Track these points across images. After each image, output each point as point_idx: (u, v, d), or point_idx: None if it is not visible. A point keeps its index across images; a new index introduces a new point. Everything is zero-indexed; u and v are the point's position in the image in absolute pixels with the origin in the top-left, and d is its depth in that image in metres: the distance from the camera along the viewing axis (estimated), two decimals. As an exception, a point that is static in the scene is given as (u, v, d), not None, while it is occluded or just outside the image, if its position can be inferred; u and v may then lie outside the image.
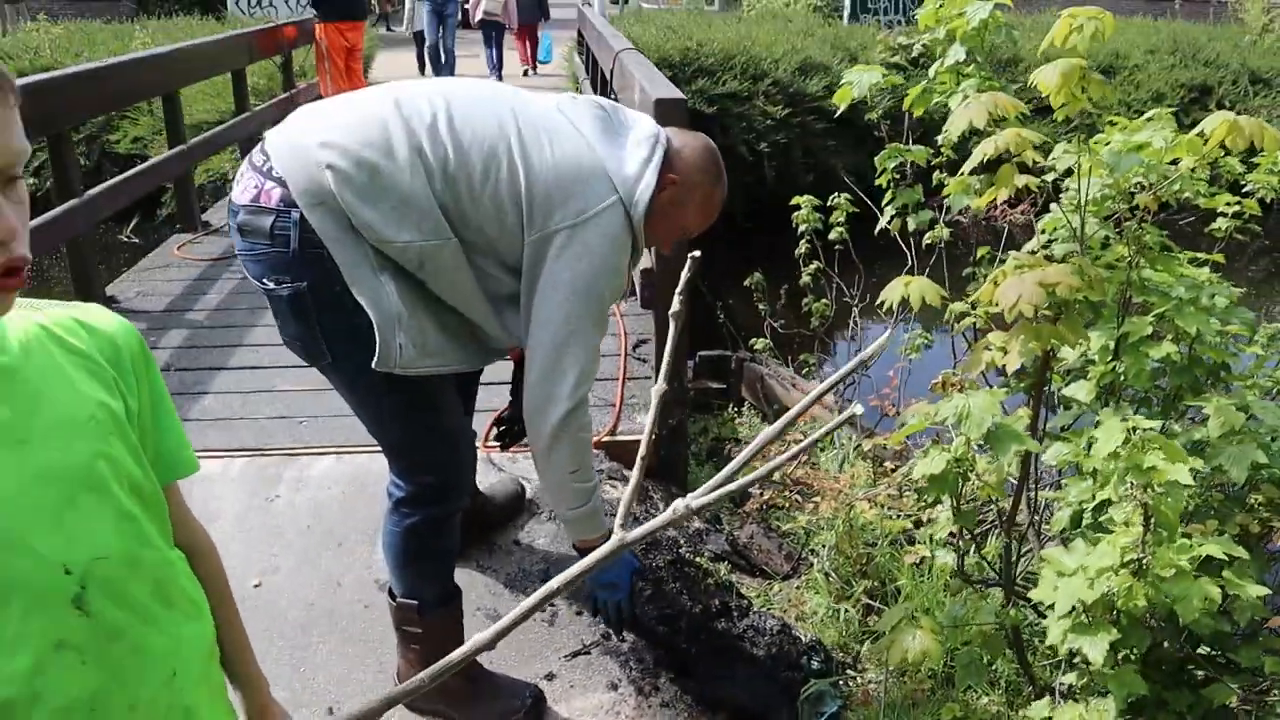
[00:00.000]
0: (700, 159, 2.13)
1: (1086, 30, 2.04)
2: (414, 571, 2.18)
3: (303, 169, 1.87)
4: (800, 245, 4.47)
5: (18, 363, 0.94)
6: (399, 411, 2.04)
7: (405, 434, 2.08)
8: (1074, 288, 1.91)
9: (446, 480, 2.13)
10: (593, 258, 1.96)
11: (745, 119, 9.51)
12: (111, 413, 1.00)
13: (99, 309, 1.06)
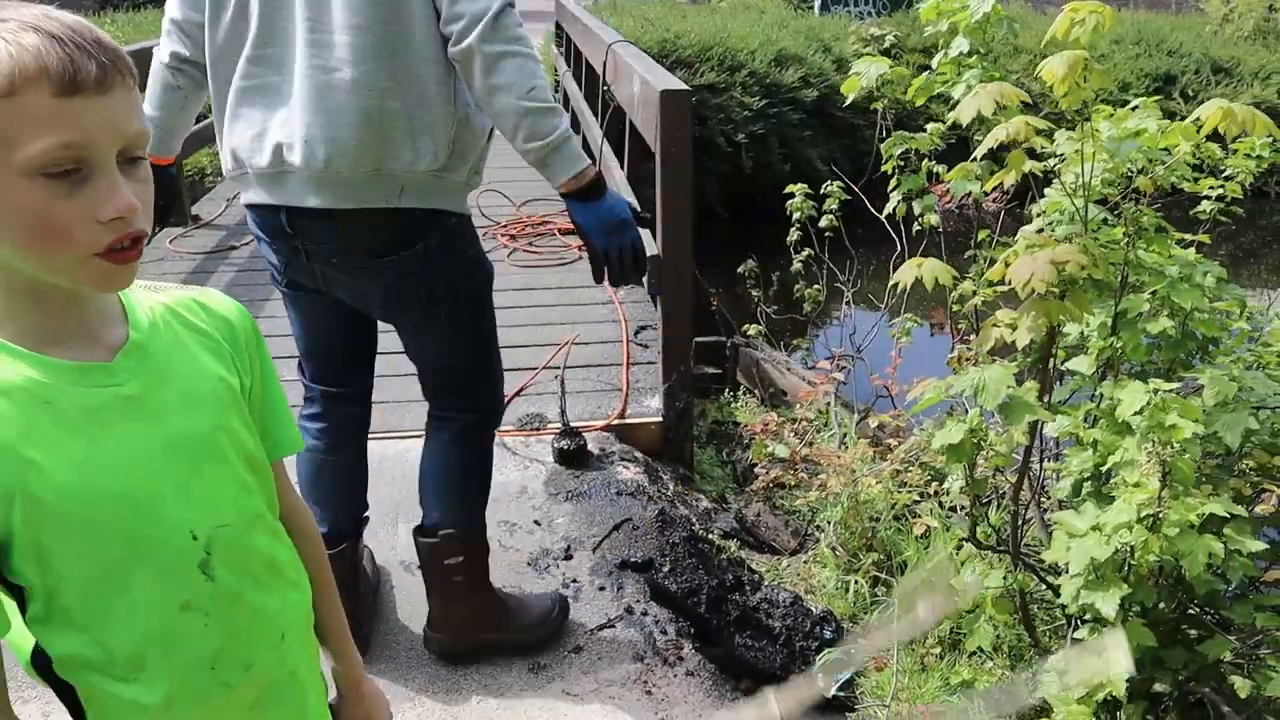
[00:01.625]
0: None
1: (1088, 24, 2.15)
2: (473, 496, 2.28)
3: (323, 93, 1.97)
4: (792, 233, 4.57)
5: (146, 339, 0.99)
6: (484, 338, 2.22)
7: (486, 359, 2.24)
8: (1082, 265, 2.02)
9: (498, 394, 2.32)
10: None
11: (723, 110, 9.61)
12: (230, 387, 1.06)
13: (214, 292, 1.13)
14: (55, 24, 0.85)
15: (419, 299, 2.10)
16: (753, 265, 4.81)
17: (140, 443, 0.97)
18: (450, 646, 2.37)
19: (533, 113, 1.86)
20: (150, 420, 0.97)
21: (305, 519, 1.24)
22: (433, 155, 1.95)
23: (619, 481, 3.00)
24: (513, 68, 1.84)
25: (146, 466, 0.97)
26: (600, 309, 4.25)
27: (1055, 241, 2.09)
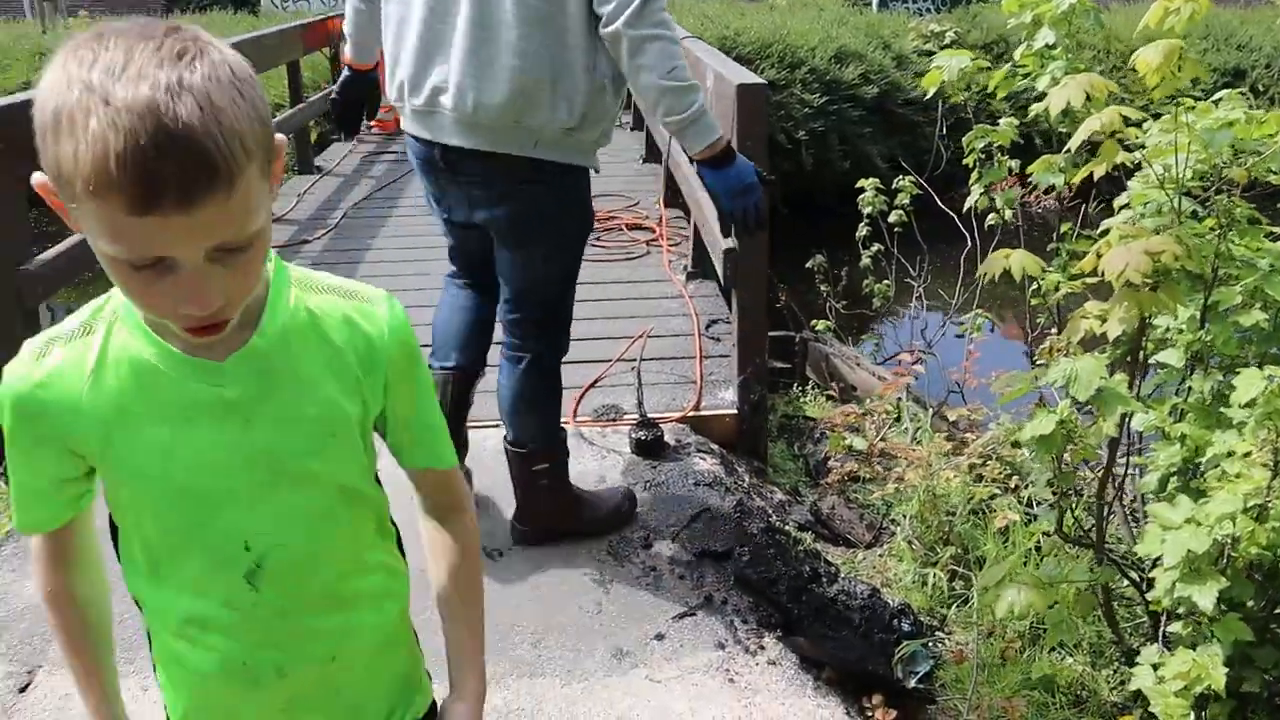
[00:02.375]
0: None
1: (1184, 12, 2.13)
2: (546, 411, 2.59)
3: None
4: (861, 228, 4.56)
5: (270, 347, 0.97)
6: (566, 280, 2.53)
7: (560, 299, 2.54)
8: (1176, 256, 2.01)
9: (567, 333, 2.61)
10: None
11: (783, 107, 9.58)
12: (342, 414, 1.01)
13: (378, 303, 1.06)
14: (156, 119, 0.75)
15: (531, 231, 2.40)
16: (821, 260, 4.80)
17: (223, 447, 0.96)
18: (534, 536, 2.71)
19: (671, 91, 2.15)
20: (241, 428, 0.96)
21: (454, 533, 1.20)
22: (567, 116, 2.23)
23: (696, 472, 3.02)
24: (655, 50, 2.11)
25: (221, 470, 0.97)
26: (670, 303, 4.28)
27: (1149, 232, 2.07)
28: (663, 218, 5.33)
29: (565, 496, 2.70)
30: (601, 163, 2.53)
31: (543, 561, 2.69)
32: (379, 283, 1.04)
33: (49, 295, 3.87)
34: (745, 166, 2.34)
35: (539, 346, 2.53)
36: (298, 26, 7.00)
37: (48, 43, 12.79)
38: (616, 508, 2.79)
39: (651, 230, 5.24)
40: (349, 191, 6.49)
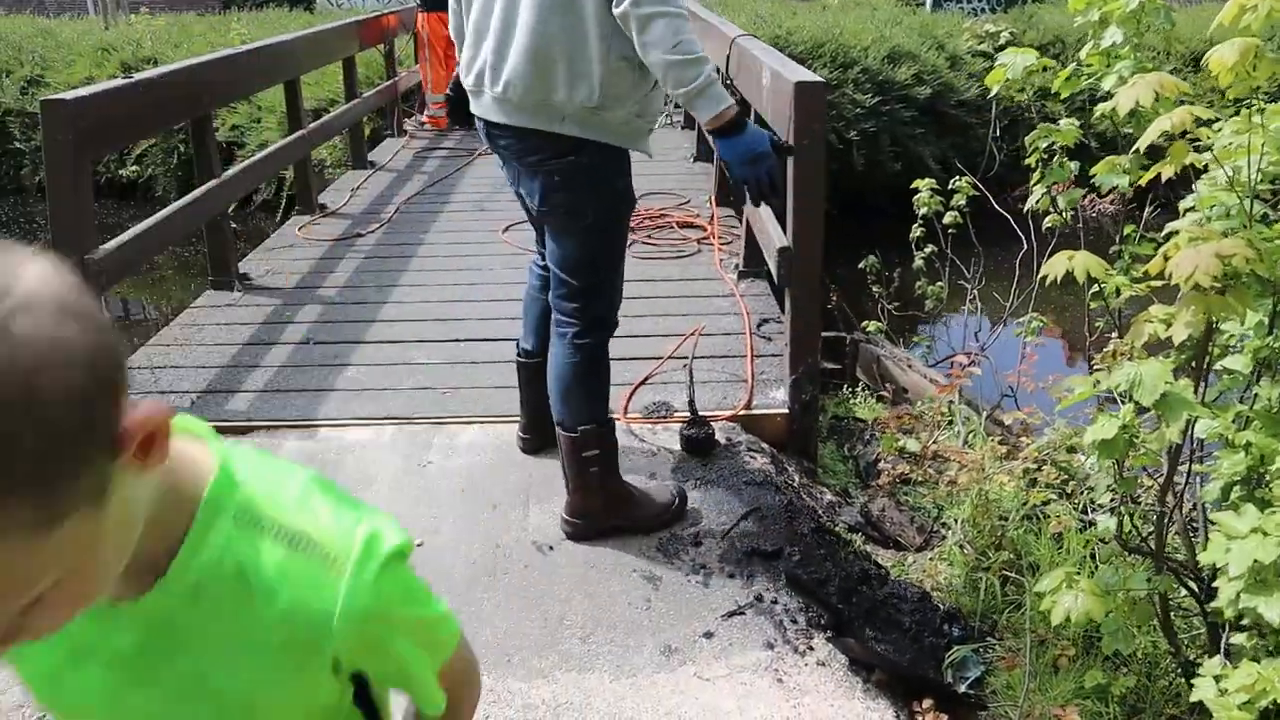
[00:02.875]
0: None
1: (1261, 10, 2.08)
2: (589, 391, 2.63)
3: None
4: (915, 229, 4.51)
5: (173, 605, 0.77)
6: (606, 259, 2.59)
7: (611, 271, 2.61)
8: (1248, 259, 1.96)
9: (613, 308, 2.65)
10: None
11: (835, 107, 9.51)
12: (265, 697, 0.82)
13: (340, 567, 0.79)
14: None
15: (564, 206, 2.50)
16: (875, 261, 4.76)
17: (107, 697, 0.83)
18: (584, 530, 2.74)
19: (677, 64, 2.24)
20: (130, 683, 0.81)
21: None
22: (587, 94, 2.36)
23: (746, 471, 3.01)
24: (660, 25, 2.21)
25: (101, 710, 0.84)
26: (721, 301, 4.27)
27: (1219, 235, 2.03)
28: (714, 216, 5.32)
29: (614, 490, 2.73)
30: (652, 161, 2.58)
31: (592, 557, 2.69)
32: (431, 278, 0.99)
33: (111, 285, 3.96)
34: (757, 135, 2.40)
35: (580, 324, 2.61)
36: (354, 23, 7.07)
37: (110, 38, 13.05)
38: (667, 505, 2.80)
39: (703, 229, 5.23)
40: (401, 187, 6.55)
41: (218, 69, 4.53)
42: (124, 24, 14.79)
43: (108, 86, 3.67)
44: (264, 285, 4.70)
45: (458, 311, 4.26)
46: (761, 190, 2.45)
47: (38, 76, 12.12)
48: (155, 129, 7.86)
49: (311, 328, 4.17)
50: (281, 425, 3.35)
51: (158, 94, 3.98)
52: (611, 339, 2.69)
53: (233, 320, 4.27)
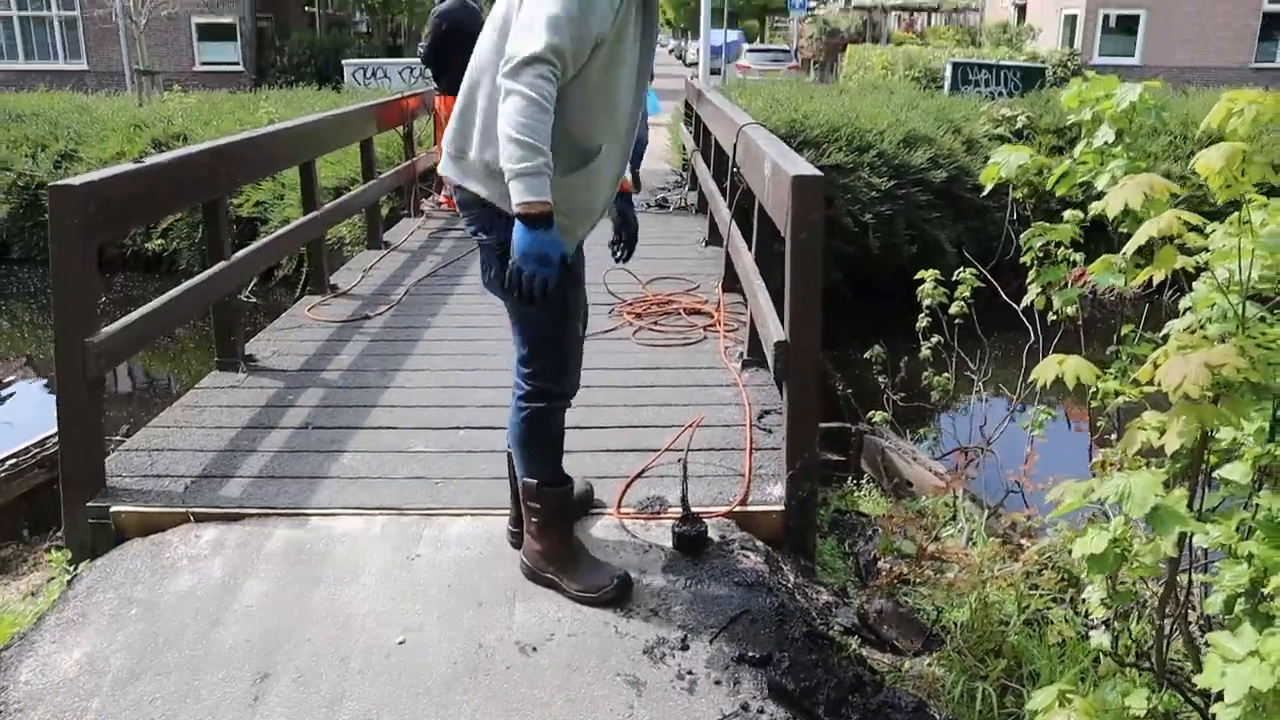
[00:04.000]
0: None
1: (1248, 115, 2.06)
2: (531, 454, 2.78)
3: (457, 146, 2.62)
4: (921, 319, 4.48)
5: None
6: (542, 330, 2.66)
7: (543, 346, 2.69)
8: (1240, 369, 1.91)
9: (558, 384, 2.74)
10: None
11: (850, 190, 9.58)
12: None
13: None
14: None
15: (498, 280, 2.57)
16: (880, 351, 4.72)
17: None
18: (526, 570, 2.91)
19: (512, 141, 2.29)
20: None
21: None
22: (494, 155, 2.43)
23: (738, 571, 2.94)
24: (512, 102, 2.29)
25: None
26: (724, 391, 4.23)
27: (1209, 341, 1.98)
28: (721, 303, 5.31)
29: (548, 548, 2.85)
30: (664, 245, 2.60)
31: (576, 659, 2.62)
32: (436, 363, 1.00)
33: (112, 367, 3.98)
34: (553, 242, 2.36)
35: (525, 388, 2.74)
36: (373, 105, 7.21)
37: (143, 115, 13.38)
38: (598, 587, 2.81)
39: (710, 315, 5.21)
40: (414, 268, 6.60)
41: (231, 153, 4.59)
42: (158, 101, 15.17)
43: (118, 171, 3.73)
44: (269, 367, 4.71)
45: (460, 398, 4.24)
46: (527, 290, 2.38)
47: (71, 151, 12.43)
48: (167, 212, 8.00)
49: (312, 412, 4.16)
50: (273, 513, 3.31)
51: (169, 178, 4.03)
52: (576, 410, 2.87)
53: (235, 403, 4.27)
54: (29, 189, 11.81)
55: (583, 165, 2.57)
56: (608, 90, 2.54)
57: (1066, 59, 23.59)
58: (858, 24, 32.56)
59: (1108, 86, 2.52)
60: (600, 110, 2.56)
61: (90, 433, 3.43)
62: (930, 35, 29.92)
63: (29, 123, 13.09)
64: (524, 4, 2.41)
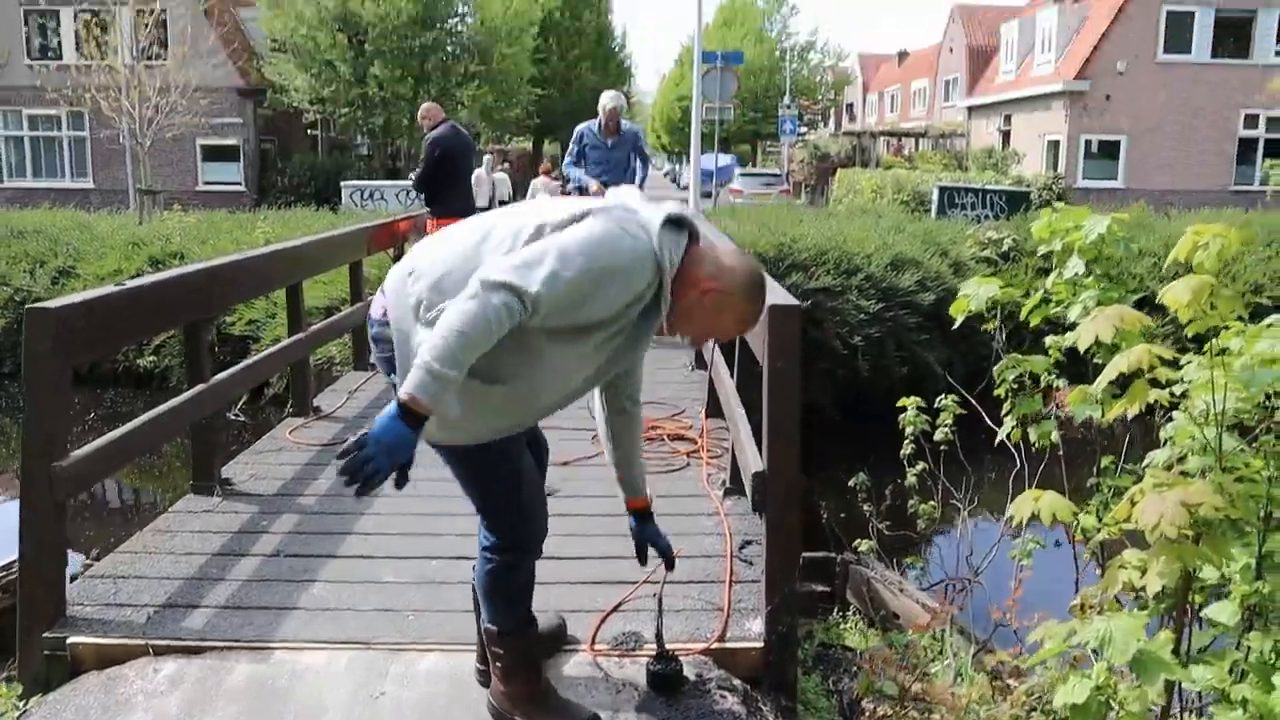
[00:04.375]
0: (744, 278, 2.41)
1: (1213, 248, 2.06)
2: (495, 603, 2.71)
3: (397, 291, 2.43)
4: (905, 446, 4.44)
5: None
6: (489, 495, 2.62)
7: (494, 507, 2.64)
8: (1217, 507, 1.86)
9: (519, 536, 2.67)
10: (607, 235, 2.28)
11: (839, 313, 9.65)
12: None
13: None
14: None
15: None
16: (864, 479, 4.67)
17: None
18: (493, 711, 2.82)
19: (447, 340, 2.14)
20: None
21: None
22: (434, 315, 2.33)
23: (714, 713, 2.82)
24: (473, 311, 2.15)
25: None
26: (705, 520, 4.15)
27: (1186, 480, 1.93)
28: (704, 429, 5.26)
29: (519, 686, 2.77)
30: (653, 368, 2.54)
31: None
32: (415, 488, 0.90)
33: (80, 492, 3.91)
34: (408, 440, 2.17)
35: (486, 540, 2.69)
36: (365, 228, 7.30)
37: (142, 233, 13.56)
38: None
39: (694, 441, 5.16)
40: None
41: (213, 277, 4.60)
42: (158, 220, 15.40)
43: (95, 295, 3.72)
44: (246, 491, 4.63)
45: (437, 526, 4.15)
46: (356, 470, 2.17)
47: (70, 267, 12.56)
48: (146, 334, 8.00)
49: (285, 539, 4.06)
50: (236, 646, 3.19)
51: (148, 301, 4.03)
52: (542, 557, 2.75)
53: (207, 528, 4.18)
54: (25, 304, 11.87)
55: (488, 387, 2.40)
56: (558, 360, 2.39)
57: (1051, 182, 24.17)
58: (848, 149, 33.45)
59: (1077, 217, 2.54)
60: (544, 385, 2.43)
61: (53, 560, 3.34)
62: (919, 160, 30.69)
63: (30, 239, 13.27)
64: (542, 229, 2.31)
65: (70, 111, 24.20)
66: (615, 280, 2.24)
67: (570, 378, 2.47)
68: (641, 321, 2.42)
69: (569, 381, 2.48)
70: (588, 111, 33.75)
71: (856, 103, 55.82)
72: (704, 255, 2.40)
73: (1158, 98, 24.75)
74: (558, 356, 2.39)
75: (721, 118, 17.45)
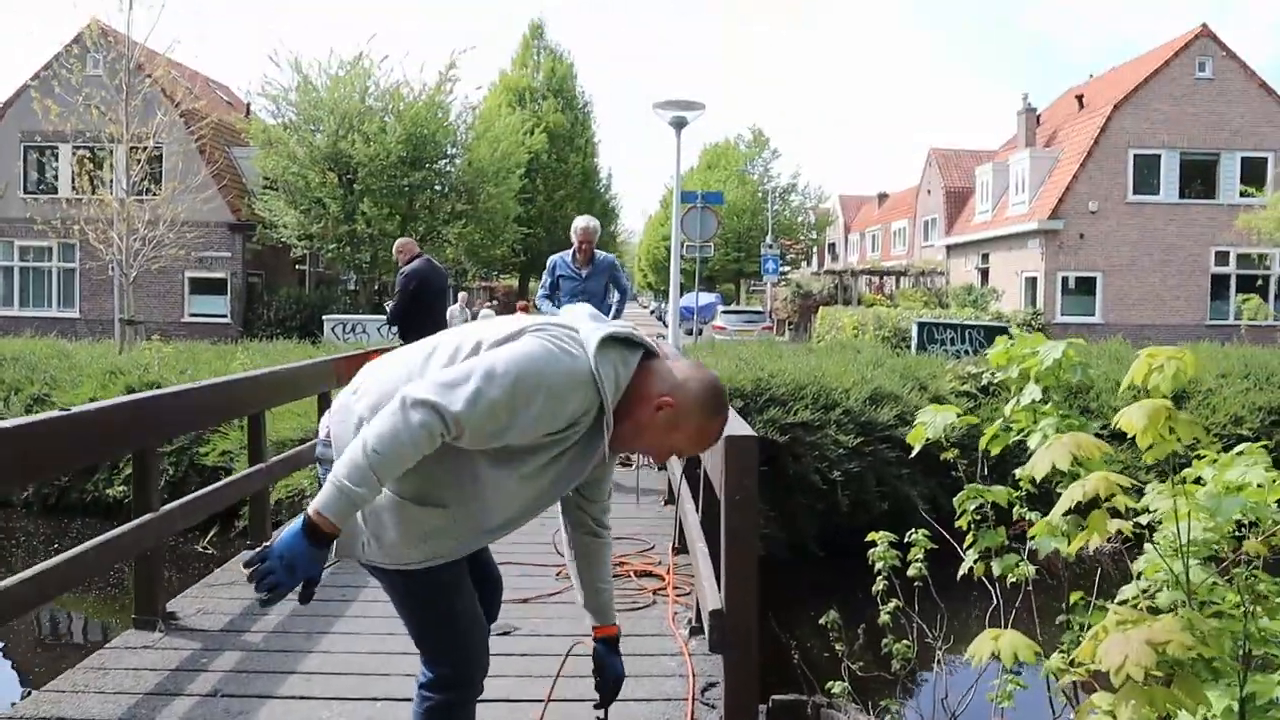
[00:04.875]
0: (700, 393, 2.28)
1: (1167, 371, 1.99)
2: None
3: (341, 409, 2.34)
4: (878, 582, 4.28)
5: None
6: (426, 630, 2.47)
7: (433, 643, 2.47)
8: (1186, 646, 1.73)
9: (458, 672, 2.47)
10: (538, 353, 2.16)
11: (818, 447, 9.55)
12: None
13: None
14: None
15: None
16: (835, 618, 4.49)
17: None
18: None
19: (364, 456, 2.05)
20: None
21: None
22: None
23: None
24: (392, 427, 2.07)
25: None
26: (669, 661, 3.95)
27: (1152, 617, 1.81)
28: (671, 565, 5.09)
29: None
30: (625, 502, 2.41)
31: None
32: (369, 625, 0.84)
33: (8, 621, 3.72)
34: (313, 565, 2.09)
35: (424, 673, 2.52)
36: (335, 359, 7.24)
37: (120, 362, 13.48)
38: None
39: (661, 578, 4.98)
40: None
41: (162, 405, 4.50)
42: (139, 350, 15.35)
43: (33, 420, 3.60)
44: (190, 626, 4.42)
45: (385, 665, 3.94)
46: (257, 581, 2.08)
47: (45, 395, 12.43)
48: (90, 462, 7.83)
49: (224, 678, 3.84)
50: (156, 798, 2.97)
51: (92, 429, 3.91)
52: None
53: (144, 665, 3.95)
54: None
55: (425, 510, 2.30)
56: (499, 483, 2.29)
57: (1030, 318, 24.49)
58: (830, 287, 33.98)
59: (1033, 343, 2.48)
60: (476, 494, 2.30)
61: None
62: (900, 297, 31.14)
63: (7, 366, 13.21)
64: (479, 346, 2.25)
65: (61, 243, 24.49)
66: (545, 399, 2.12)
67: (512, 501, 2.32)
68: (587, 442, 2.31)
69: (511, 504, 2.33)
70: (573, 248, 33.78)
71: (839, 242, 57.07)
72: (658, 369, 2.29)
73: (1130, 236, 25.34)
74: (498, 479, 2.26)
75: (703, 256, 17.68)
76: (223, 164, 25.81)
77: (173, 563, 9.54)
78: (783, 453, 9.39)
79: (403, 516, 2.26)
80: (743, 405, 9.54)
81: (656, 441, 2.34)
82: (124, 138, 17.42)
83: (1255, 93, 25.45)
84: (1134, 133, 25.35)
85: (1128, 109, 25.37)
